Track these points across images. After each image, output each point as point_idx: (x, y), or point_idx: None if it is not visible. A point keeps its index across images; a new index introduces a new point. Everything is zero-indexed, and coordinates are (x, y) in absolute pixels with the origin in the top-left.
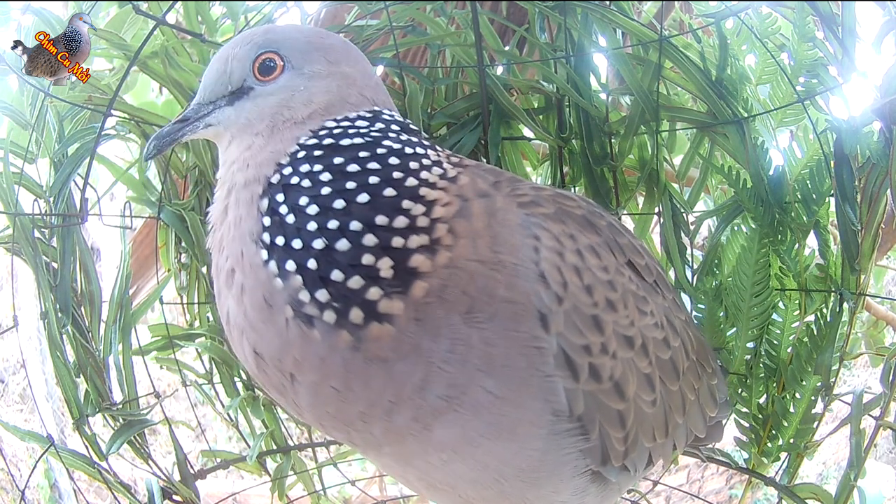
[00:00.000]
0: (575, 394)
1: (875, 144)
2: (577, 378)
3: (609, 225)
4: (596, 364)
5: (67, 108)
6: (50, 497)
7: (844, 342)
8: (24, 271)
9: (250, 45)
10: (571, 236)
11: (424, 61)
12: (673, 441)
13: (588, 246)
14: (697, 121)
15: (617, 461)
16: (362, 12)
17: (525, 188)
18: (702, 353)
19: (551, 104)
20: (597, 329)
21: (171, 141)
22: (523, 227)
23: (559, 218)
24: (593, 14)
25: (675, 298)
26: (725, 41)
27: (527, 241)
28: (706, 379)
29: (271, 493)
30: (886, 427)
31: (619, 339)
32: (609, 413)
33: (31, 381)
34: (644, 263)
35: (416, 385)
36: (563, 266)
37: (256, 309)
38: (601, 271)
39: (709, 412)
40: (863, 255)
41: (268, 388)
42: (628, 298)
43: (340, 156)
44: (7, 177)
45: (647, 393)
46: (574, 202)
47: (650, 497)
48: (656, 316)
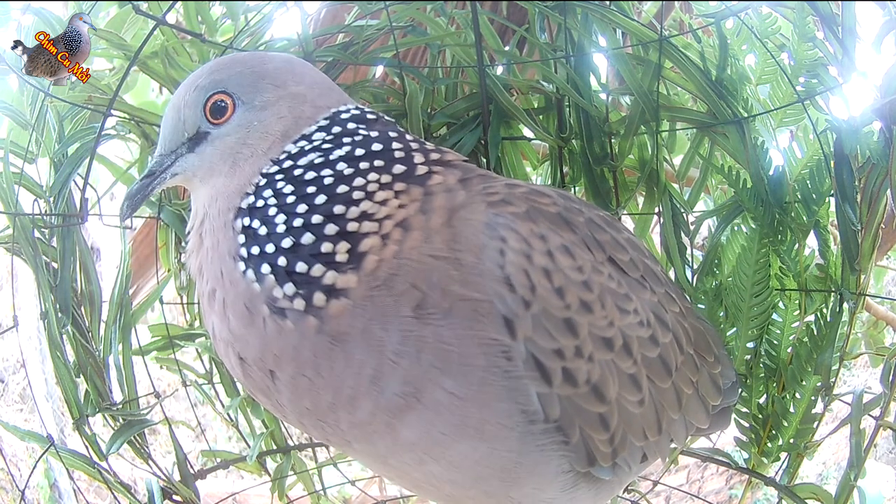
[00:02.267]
0: (549, 398)
1: (875, 144)
2: (550, 382)
3: (588, 221)
4: (570, 368)
5: (67, 108)
6: (50, 497)
7: (844, 342)
8: (24, 271)
9: (197, 89)
10: (542, 236)
11: (424, 61)
12: (670, 437)
13: (560, 246)
14: (697, 121)
15: (605, 462)
16: (362, 12)
17: (497, 186)
18: (702, 342)
19: (551, 104)
20: (570, 332)
21: (143, 198)
22: (490, 227)
23: (530, 217)
24: (593, 14)
25: (668, 290)
26: (725, 41)
27: (492, 243)
28: (707, 369)
29: (271, 493)
30: (886, 427)
31: (597, 342)
32: (589, 417)
33: (31, 381)
34: (628, 259)
35: (370, 376)
36: (532, 269)
37: (238, 317)
38: (575, 272)
39: (711, 402)
40: (863, 255)
41: (255, 393)
42: (606, 298)
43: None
44: (7, 177)
45: (633, 393)
46: (549, 199)
47: (650, 497)
48: (641, 313)
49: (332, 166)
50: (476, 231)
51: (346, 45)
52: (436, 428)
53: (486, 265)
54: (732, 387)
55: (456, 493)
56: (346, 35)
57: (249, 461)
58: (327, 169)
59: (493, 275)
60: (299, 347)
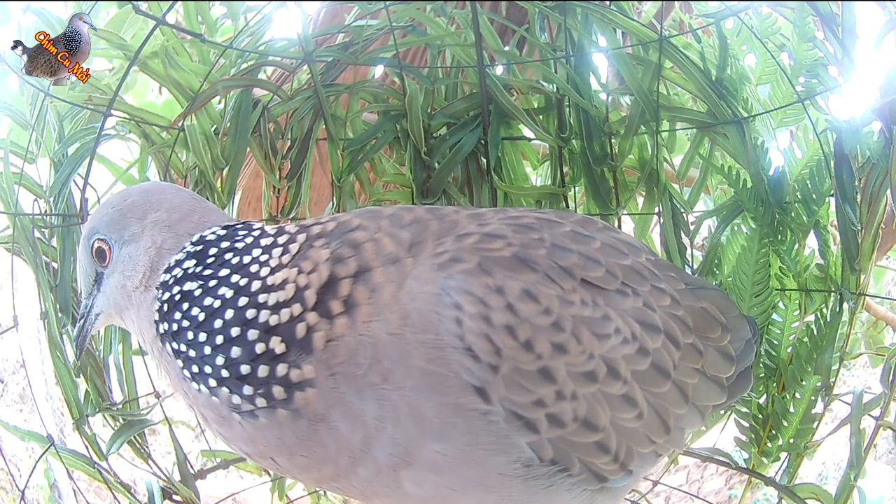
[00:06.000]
0: (540, 444)
1: (875, 144)
2: (537, 430)
3: (551, 249)
4: (554, 412)
5: (67, 108)
6: (50, 497)
7: (844, 342)
8: (24, 271)
9: (83, 239)
10: (499, 289)
11: (424, 61)
12: (683, 430)
13: (521, 292)
14: (697, 121)
15: (615, 475)
16: (362, 12)
17: (447, 243)
18: (703, 322)
19: (551, 104)
20: (547, 380)
21: (84, 338)
22: (441, 295)
23: (484, 269)
24: (593, 14)
25: (656, 284)
26: (725, 41)
27: (446, 314)
28: (713, 346)
29: (271, 493)
30: (886, 427)
31: (578, 379)
32: (586, 448)
33: (31, 381)
34: (602, 273)
35: (361, 442)
36: (493, 331)
37: (218, 423)
38: (541, 316)
39: (724, 375)
40: (863, 255)
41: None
42: (581, 331)
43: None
44: (7, 177)
45: (628, 411)
46: (502, 241)
47: (650, 497)
48: (624, 330)
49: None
50: (428, 304)
51: (346, 45)
52: (440, 484)
53: (444, 339)
54: (748, 345)
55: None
56: (346, 35)
57: (249, 461)
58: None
59: (454, 346)
60: (282, 437)
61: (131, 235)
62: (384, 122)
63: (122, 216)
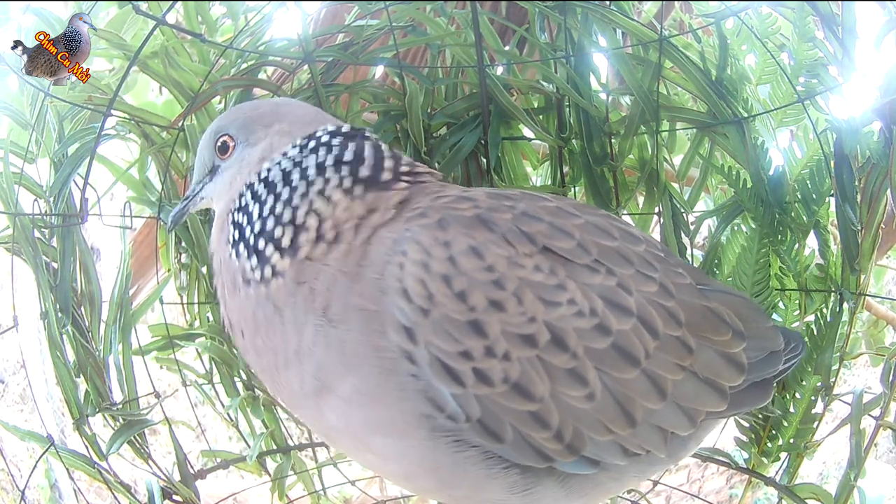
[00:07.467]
0: (465, 398)
1: (875, 144)
2: (463, 383)
3: (518, 216)
4: (482, 368)
5: (67, 108)
6: (50, 497)
7: (844, 342)
8: (24, 271)
9: (209, 134)
10: (446, 243)
11: (424, 61)
12: (664, 429)
13: (467, 249)
14: (697, 121)
15: (565, 458)
16: (362, 12)
17: (425, 201)
18: (704, 322)
19: (551, 104)
20: (476, 333)
21: (182, 215)
22: (396, 242)
23: (441, 226)
24: (593, 14)
25: (642, 270)
26: (725, 41)
27: (394, 258)
28: (714, 348)
29: (271, 493)
30: (886, 427)
31: (513, 339)
32: (519, 415)
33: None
34: (571, 246)
35: (295, 349)
36: (428, 278)
37: (227, 288)
38: (482, 272)
39: (726, 382)
40: (863, 255)
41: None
42: (525, 293)
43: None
44: (7, 177)
45: (575, 388)
46: (471, 203)
47: (650, 497)
48: (581, 303)
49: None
50: (384, 249)
51: (346, 45)
52: (353, 419)
53: (386, 281)
54: (772, 356)
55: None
56: (346, 35)
57: (249, 461)
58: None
59: (393, 288)
60: (255, 311)
61: (255, 139)
62: (384, 121)
63: (251, 121)
